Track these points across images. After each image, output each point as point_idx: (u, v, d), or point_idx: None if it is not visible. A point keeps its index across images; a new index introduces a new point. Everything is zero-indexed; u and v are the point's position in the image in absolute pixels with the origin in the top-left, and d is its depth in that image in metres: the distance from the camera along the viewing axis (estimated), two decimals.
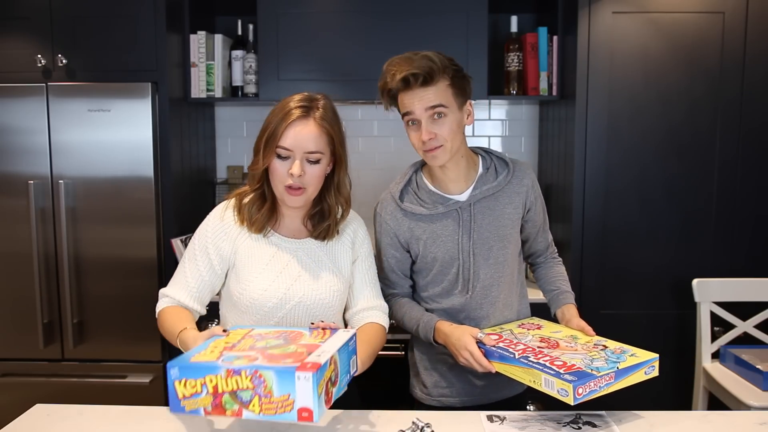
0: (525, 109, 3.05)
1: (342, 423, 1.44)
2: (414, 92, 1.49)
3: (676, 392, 2.58)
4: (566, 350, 1.44)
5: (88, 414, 1.49)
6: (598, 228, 2.53)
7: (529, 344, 1.48)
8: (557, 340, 1.51)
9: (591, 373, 1.31)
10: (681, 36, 2.43)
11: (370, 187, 2.99)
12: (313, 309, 1.53)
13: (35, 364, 2.56)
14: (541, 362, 1.37)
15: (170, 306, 1.53)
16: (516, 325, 1.64)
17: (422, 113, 1.50)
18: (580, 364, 1.35)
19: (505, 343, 1.50)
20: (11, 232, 2.51)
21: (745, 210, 2.50)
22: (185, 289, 1.53)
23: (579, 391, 1.28)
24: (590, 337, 1.53)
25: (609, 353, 1.42)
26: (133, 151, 2.47)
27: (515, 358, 1.41)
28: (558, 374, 1.31)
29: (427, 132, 1.50)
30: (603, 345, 1.47)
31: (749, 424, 1.41)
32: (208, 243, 1.53)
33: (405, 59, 1.50)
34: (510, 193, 1.64)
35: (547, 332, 1.57)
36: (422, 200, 1.64)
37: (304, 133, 1.44)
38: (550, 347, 1.46)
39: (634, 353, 1.43)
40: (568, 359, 1.38)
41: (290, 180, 1.44)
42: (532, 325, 1.64)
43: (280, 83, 2.63)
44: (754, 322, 2.42)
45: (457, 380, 1.68)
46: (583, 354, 1.42)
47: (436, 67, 1.48)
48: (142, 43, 2.48)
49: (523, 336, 1.55)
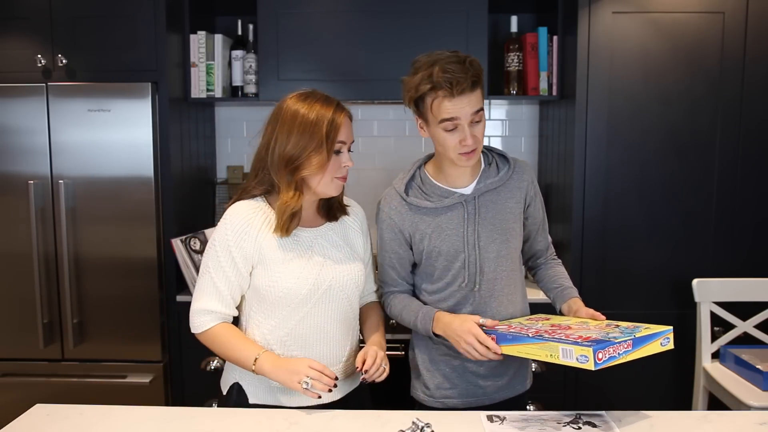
0: (525, 109, 3.05)
1: (342, 423, 1.44)
2: (462, 98, 1.50)
3: (676, 392, 2.58)
4: (580, 329, 1.44)
5: (88, 414, 1.49)
6: (598, 228, 2.53)
7: (540, 329, 1.48)
8: (569, 325, 1.50)
9: (609, 340, 1.32)
10: (681, 36, 2.43)
11: (371, 187, 2.99)
12: (342, 292, 1.59)
13: (35, 364, 2.56)
14: (556, 337, 1.38)
15: (219, 325, 1.55)
16: (524, 319, 1.64)
17: (467, 118, 1.52)
18: (597, 336, 1.36)
19: (514, 328, 1.50)
20: (11, 232, 2.51)
21: (745, 210, 2.50)
22: (218, 298, 1.54)
23: (599, 356, 1.27)
24: (602, 321, 1.53)
25: (623, 328, 1.43)
26: (133, 151, 2.47)
27: (529, 336, 1.41)
28: (576, 342, 1.32)
29: (471, 136, 1.53)
30: (615, 324, 1.48)
31: (749, 424, 1.41)
32: (231, 245, 1.52)
33: (459, 65, 1.48)
34: (511, 188, 1.67)
35: (557, 321, 1.56)
36: (427, 194, 1.66)
37: (349, 125, 1.57)
38: (563, 329, 1.46)
39: (648, 327, 1.44)
40: (583, 334, 1.39)
41: (343, 172, 1.56)
42: (539, 317, 1.64)
43: (280, 83, 2.63)
44: (754, 322, 2.42)
45: (461, 381, 1.68)
46: (598, 330, 1.42)
47: (481, 71, 1.53)
48: (142, 43, 2.48)
49: (532, 324, 1.54)
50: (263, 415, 1.48)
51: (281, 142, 1.50)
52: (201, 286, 1.56)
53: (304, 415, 1.48)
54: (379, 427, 1.41)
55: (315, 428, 1.41)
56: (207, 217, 2.99)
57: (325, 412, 1.51)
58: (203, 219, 2.94)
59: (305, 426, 1.42)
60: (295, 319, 1.55)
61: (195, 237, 2.61)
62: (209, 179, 3.03)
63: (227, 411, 1.53)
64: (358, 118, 3.02)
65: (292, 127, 1.50)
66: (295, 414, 1.49)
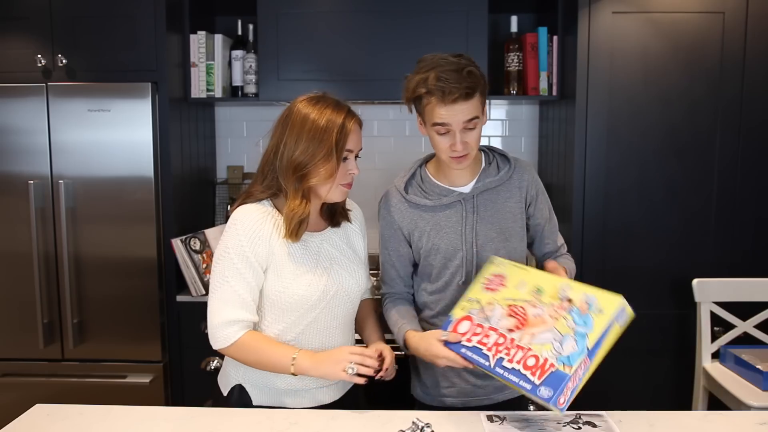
0: (525, 109, 3.05)
1: (342, 423, 1.44)
2: (454, 106, 1.49)
3: (676, 392, 2.58)
4: (535, 325, 1.39)
5: (88, 414, 1.49)
6: (598, 228, 2.52)
7: (499, 328, 1.43)
8: (523, 307, 1.44)
9: (564, 373, 1.28)
10: (681, 36, 2.43)
11: (371, 187, 2.99)
12: (348, 296, 1.59)
13: (35, 364, 2.56)
14: (514, 370, 1.34)
15: (246, 334, 1.49)
16: (481, 288, 1.54)
17: (458, 125, 1.52)
18: (551, 357, 1.31)
19: (477, 334, 1.45)
20: (11, 232, 2.51)
21: (745, 210, 2.50)
22: (242, 305, 1.49)
23: (561, 401, 1.26)
24: (555, 286, 1.46)
25: (576, 316, 1.37)
26: (133, 151, 2.47)
27: (491, 368, 1.38)
28: (535, 389, 1.29)
29: (462, 144, 1.53)
30: (568, 299, 1.41)
31: (749, 424, 1.41)
32: (246, 249, 1.48)
33: (455, 74, 1.47)
34: (511, 188, 1.67)
35: (513, 292, 1.49)
36: (426, 192, 1.67)
37: (359, 133, 1.55)
38: (520, 325, 1.41)
39: (601, 308, 1.38)
40: (538, 349, 1.34)
41: (348, 179, 1.54)
42: (496, 280, 1.55)
43: (280, 83, 2.63)
44: (754, 322, 2.42)
45: (458, 380, 1.68)
46: (551, 329, 1.37)
47: (479, 82, 1.51)
48: (142, 43, 2.48)
49: (491, 310, 1.47)
50: (263, 415, 1.48)
51: (290, 147, 1.48)
52: (221, 296, 1.49)
53: (304, 415, 1.48)
54: (379, 427, 1.41)
55: (315, 428, 1.41)
56: (207, 217, 2.99)
57: (325, 412, 1.51)
58: (203, 219, 2.94)
59: (305, 426, 1.42)
60: (303, 323, 1.55)
61: (195, 237, 2.61)
62: (209, 179, 3.03)
63: (227, 411, 1.53)
64: None
65: (302, 133, 1.48)
66: (295, 414, 1.49)
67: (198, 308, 2.54)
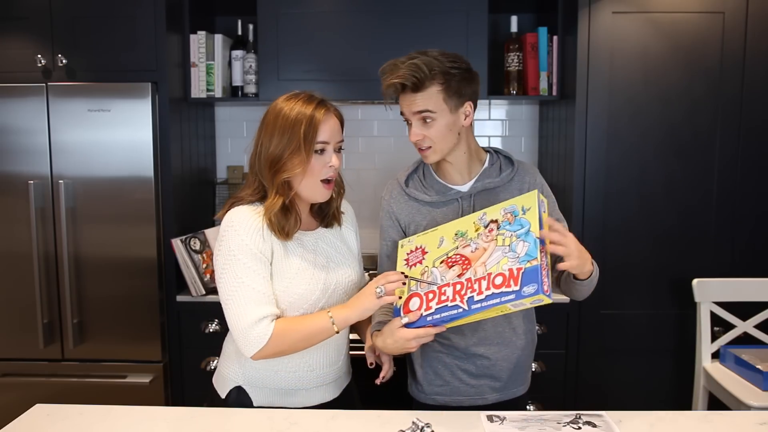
0: (525, 109, 3.05)
1: (342, 423, 1.44)
2: (404, 97, 1.57)
3: (676, 392, 2.58)
4: (479, 257, 1.40)
5: (88, 414, 1.49)
6: (598, 228, 2.52)
7: (450, 281, 1.41)
8: (457, 253, 1.44)
9: (534, 266, 1.31)
10: (681, 36, 2.43)
11: (371, 186, 3.00)
12: (345, 294, 1.60)
13: (35, 364, 2.56)
14: (490, 296, 1.33)
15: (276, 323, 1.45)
16: (407, 270, 1.52)
17: (411, 116, 1.57)
18: (513, 264, 1.34)
19: (432, 299, 1.41)
20: (11, 232, 2.51)
21: (745, 210, 2.50)
22: (265, 300, 1.46)
23: (545, 288, 1.29)
24: (472, 222, 1.47)
25: (508, 227, 1.40)
26: (133, 151, 2.47)
27: (468, 310, 1.36)
28: (519, 294, 1.30)
29: (414, 134, 1.58)
30: (492, 221, 1.44)
31: (749, 424, 1.41)
32: (250, 245, 1.47)
33: (392, 66, 1.55)
34: (511, 190, 1.66)
35: (438, 251, 1.48)
36: (426, 187, 1.69)
37: (332, 124, 1.51)
38: (465, 266, 1.41)
39: (524, 207, 1.41)
40: (496, 268, 1.36)
41: (328, 173, 1.51)
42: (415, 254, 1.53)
43: (280, 83, 2.63)
44: (754, 322, 2.42)
45: (452, 378, 1.68)
46: (495, 248, 1.38)
47: (422, 75, 1.51)
48: (142, 43, 2.48)
49: (430, 276, 1.45)
50: (263, 415, 1.48)
51: (265, 145, 1.49)
52: (242, 298, 1.45)
53: (304, 415, 1.48)
54: (379, 427, 1.41)
55: (315, 428, 1.41)
56: (207, 217, 2.99)
57: (324, 412, 1.51)
58: (203, 219, 2.94)
59: (305, 426, 1.42)
60: None
61: (195, 237, 2.61)
62: (209, 179, 3.03)
63: (227, 411, 1.53)
64: (358, 118, 3.04)
65: (274, 128, 1.49)
66: (295, 414, 1.49)
67: (198, 308, 2.54)
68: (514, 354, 1.68)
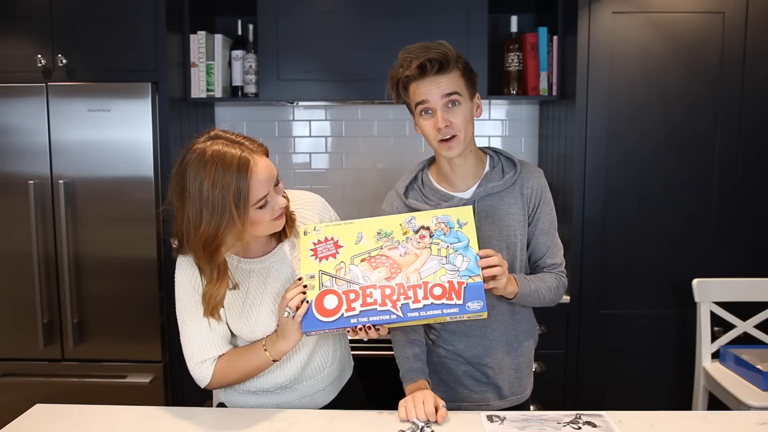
0: (525, 109, 3.05)
1: (342, 423, 1.44)
2: (430, 79, 1.49)
3: (676, 392, 2.58)
4: (410, 263, 1.39)
5: (88, 414, 1.49)
6: (598, 228, 2.53)
7: (376, 283, 1.38)
8: (382, 255, 1.41)
9: (477, 282, 1.36)
10: (681, 36, 2.43)
11: (370, 187, 3.00)
12: None
13: (35, 364, 2.56)
14: (428, 306, 1.35)
15: (219, 361, 1.48)
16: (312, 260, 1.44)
17: (438, 101, 1.50)
18: (453, 277, 1.37)
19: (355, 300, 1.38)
20: (11, 232, 2.51)
21: (745, 210, 2.50)
22: (206, 342, 1.48)
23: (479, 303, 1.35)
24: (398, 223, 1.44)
25: (444, 238, 1.41)
26: (133, 151, 2.47)
27: (402, 317, 1.36)
28: (463, 309, 1.35)
29: (443, 119, 1.49)
30: (423, 227, 1.42)
31: (749, 424, 1.41)
32: (193, 293, 1.46)
33: (421, 47, 1.50)
34: (515, 194, 1.61)
35: (356, 248, 1.43)
36: (426, 197, 1.63)
37: (262, 168, 1.36)
38: (394, 271, 1.39)
39: (460, 220, 1.43)
40: (433, 278, 1.37)
41: (277, 213, 1.42)
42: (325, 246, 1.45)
43: (280, 83, 2.64)
44: (754, 322, 2.42)
45: (456, 384, 1.66)
46: (430, 257, 1.39)
47: (451, 55, 1.49)
48: (142, 43, 2.48)
49: (348, 273, 1.41)
50: (263, 415, 1.48)
51: (193, 221, 1.35)
52: (186, 341, 1.49)
53: (304, 415, 1.48)
54: (379, 427, 1.41)
55: (315, 428, 1.41)
56: None
57: (325, 412, 1.51)
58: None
59: (305, 426, 1.42)
60: None
61: None
62: None
63: (227, 411, 1.54)
64: (358, 118, 3.04)
65: (201, 207, 1.33)
66: (295, 414, 1.49)
67: None
68: (519, 361, 1.66)
